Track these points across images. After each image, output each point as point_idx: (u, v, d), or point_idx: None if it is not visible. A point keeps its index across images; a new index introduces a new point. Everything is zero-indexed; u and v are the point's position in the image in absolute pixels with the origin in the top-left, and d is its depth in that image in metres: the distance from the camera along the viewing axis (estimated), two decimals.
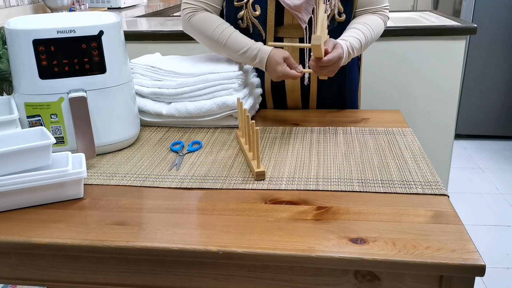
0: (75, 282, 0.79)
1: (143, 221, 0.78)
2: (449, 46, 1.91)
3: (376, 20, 1.24)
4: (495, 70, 3.15)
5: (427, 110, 2.02)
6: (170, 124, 1.21)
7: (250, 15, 1.20)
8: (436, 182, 0.88)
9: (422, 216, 0.77)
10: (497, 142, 3.29)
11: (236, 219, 0.78)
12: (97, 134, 1.02)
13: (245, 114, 1.01)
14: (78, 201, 0.86)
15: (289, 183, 0.90)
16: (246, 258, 0.70)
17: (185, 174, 0.95)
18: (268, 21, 1.20)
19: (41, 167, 0.84)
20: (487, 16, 3.04)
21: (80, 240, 0.73)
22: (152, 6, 3.51)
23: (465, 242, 0.70)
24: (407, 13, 2.42)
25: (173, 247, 0.71)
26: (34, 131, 0.90)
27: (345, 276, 0.71)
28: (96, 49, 0.98)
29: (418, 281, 0.70)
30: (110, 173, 0.96)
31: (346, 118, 1.25)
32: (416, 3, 4.34)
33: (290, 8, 1.15)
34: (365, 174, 0.92)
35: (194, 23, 1.19)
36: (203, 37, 1.20)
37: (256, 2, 1.18)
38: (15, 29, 0.94)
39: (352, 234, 0.73)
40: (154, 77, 1.21)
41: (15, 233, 0.76)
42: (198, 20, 1.18)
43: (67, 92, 0.97)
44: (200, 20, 1.18)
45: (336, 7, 1.19)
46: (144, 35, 2.00)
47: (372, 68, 1.97)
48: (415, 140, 1.08)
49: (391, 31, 1.89)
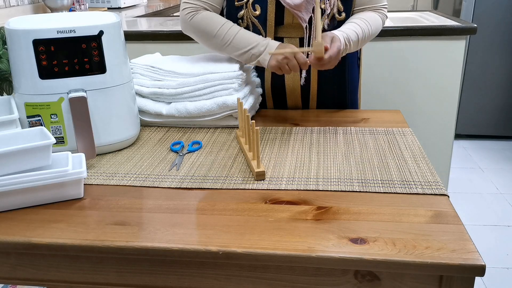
0: (75, 282, 0.79)
1: (143, 221, 0.78)
2: (449, 46, 1.91)
3: (374, 16, 1.25)
4: (495, 70, 3.15)
5: (427, 110, 2.02)
6: (170, 124, 1.21)
7: (250, 15, 1.20)
8: (436, 182, 0.88)
9: (422, 216, 0.77)
10: (497, 142, 3.29)
11: (236, 219, 0.78)
12: (97, 134, 1.02)
13: (245, 114, 1.01)
14: (78, 201, 0.86)
15: (289, 183, 0.90)
16: (246, 258, 0.70)
17: (185, 174, 0.95)
18: (268, 21, 1.20)
19: (41, 167, 0.84)
20: (487, 16, 3.04)
21: (80, 240, 0.73)
22: (152, 6, 3.51)
23: (465, 242, 0.70)
24: (407, 13, 2.42)
25: (173, 247, 0.71)
26: (34, 131, 0.90)
27: (345, 276, 0.71)
28: (96, 49, 0.98)
29: (418, 281, 0.70)
30: (110, 173, 0.96)
31: (346, 118, 1.25)
32: (416, 3, 4.34)
33: (291, 8, 1.15)
34: (365, 174, 0.92)
35: (196, 22, 1.19)
36: (205, 36, 1.19)
37: (256, 1, 1.18)
38: (15, 29, 0.94)
39: (352, 234, 0.73)
40: (154, 77, 1.21)
41: (15, 233, 0.76)
42: (201, 19, 1.18)
43: (67, 92, 0.97)
44: (203, 19, 1.18)
45: (335, 6, 1.19)
46: (144, 35, 2.00)
47: (372, 68, 1.97)
48: (415, 140, 1.08)
49: (391, 31, 1.89)
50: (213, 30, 1.17)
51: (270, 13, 1.19)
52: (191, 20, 1.20)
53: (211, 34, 1.18)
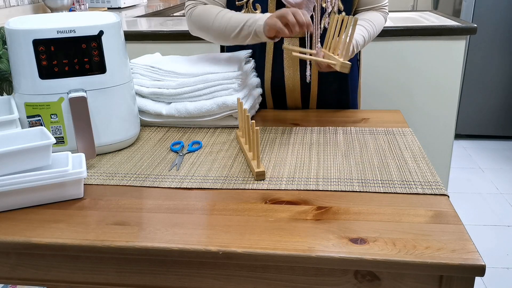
0: (75, 282, 0.79)
1: (143, 221, 0.78)
2: (449, 46, 1.91)
3: (378, 16, 1.28)
4: (495, 70, 3.15)
5: (427, 110, 2.02)
6: (170, 124, 1.21)
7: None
8: (436, 182, 0.88)
9: (422, 216, 0.77)
10: (497, 142, 3.29)
11: (236, 219, 0.78)
12: (97, 134, 1.02)
13: (245, 114, 1.01)
14: (78, 201, 0.86)
15: (289, 183, 0.90)
16: (246, 258, 0.70)
17: (185, 174, 0.95)
18: None
19: (41, 167, 0.84)
20: (487, 16, 3.04)
21: (80, 240, 0.73)
22: (152, 6, 3.51)
23: (465, 242, 0.70)
24: (407, 13, 2.42)
25: (173, 247, 0.71)
26: (34, 131, 0.90)
27: (345, 276, 0.71)
28: (96, 49, 0.98)
29: (418, 281, 0.70)
30: (110, 173, 0.96)
31: (346, 118, 1.25)
32: (416, 3, 4.35)
33: (292, 6, 1.15)
34: (365, 174, 0.92)
35: (195, 18, 1.19)
36: (206, 29, 1.18)
37: (257, 1, 1.18)
38: (15, 29, 0.94)
39: (352, 234, 0.73)
40: (154, 77, 1.21)
41: (15, 233, 0.76)
42: (198, 13, 1.18)
43: (67, 92, 0.97)
44: (200, 12, 1.18)
45: (336, 5, 1.19)
46: (144, 35, 2.00)
47: (372, 68, 1.97)
48: (415, 140, 1.08)
49: (391, 31, 1.90)
50: (210, 21, 1.16)
51: (270, 12, 1.19)
52: (190, 16, 1.20)
53: (209, 24, 1.17)
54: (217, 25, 1.15)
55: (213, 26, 1.16)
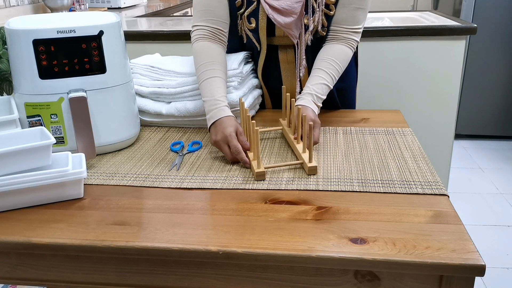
0: (75, 282, 0.79)
1: (143, 221, 0.78)
2: (449, 46, 1.91)
3: (342, 52, 1.20)
4: (495, 70, 3.15)
5: (427, 110, 2.02)
6: (170, 124, 1.21)
7: (245, 27, 1.21)
8: (436, 182, 0.88)
9: (422, 216, 0.77)
10: (497, 142, 3.29)
11: (236, 219, 0.78)
12: (97, 134, 1.02)
13: (246, 114, 1.01)
14: (78, 201, 0.86)
15: (289, 183, 0.90)
16: (246, 258, 0.70)
17: (185, 174, 0.95)
18: (261, 36, 1.21)
19: (41, 167, 0.84)
20: (487, 16, 3.04)
21: (80, 240, 0.73)
22: (152, 6, 3.51)
23: (465, 242, 0.70)
24: (407, 13, 2.42)
25: (173, 247, 0.71)
26: (34, 131, 0.90)
27: (345, 276, 0.71)
28: (96, 49, 0.98)
29: (418, 281, 0.70)
30: (110, 173, 0.96)
31: (346, 118, 1.25)
32: (416, 3, 4.35)
33: (282, 26, 1.16)
34: (365, 174, 0.92)
35: (193, 51, 1.18)
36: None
37: (251, 15, 1.19)
38: (15, 29, 0.94)
39: (352, 234, 0.73)
40: (154, 77, 1.21)
41: (15, 233, 0.76)
42: (195, 50, 1.17)
43: (67, 92, 0.97)
44: (196, 51, 1.16)
45: (319, 23, 1.17)
46: (144, 35, 2.00)
47: (372, 68, 1.97)
48: (415, 140, 1.08)
49: (391, 31, 1.89)
50: (195, 66, 1.15)
51: (261, 28, 1.19)
52: (192, 47, 1.19)
53: (195, 67, 1.15)
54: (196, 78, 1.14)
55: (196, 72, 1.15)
